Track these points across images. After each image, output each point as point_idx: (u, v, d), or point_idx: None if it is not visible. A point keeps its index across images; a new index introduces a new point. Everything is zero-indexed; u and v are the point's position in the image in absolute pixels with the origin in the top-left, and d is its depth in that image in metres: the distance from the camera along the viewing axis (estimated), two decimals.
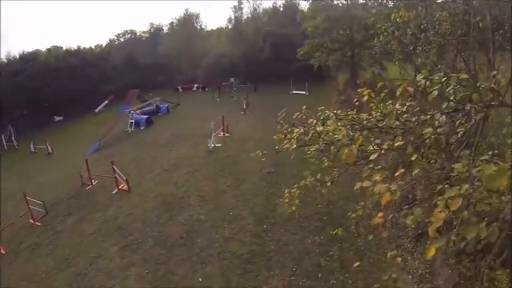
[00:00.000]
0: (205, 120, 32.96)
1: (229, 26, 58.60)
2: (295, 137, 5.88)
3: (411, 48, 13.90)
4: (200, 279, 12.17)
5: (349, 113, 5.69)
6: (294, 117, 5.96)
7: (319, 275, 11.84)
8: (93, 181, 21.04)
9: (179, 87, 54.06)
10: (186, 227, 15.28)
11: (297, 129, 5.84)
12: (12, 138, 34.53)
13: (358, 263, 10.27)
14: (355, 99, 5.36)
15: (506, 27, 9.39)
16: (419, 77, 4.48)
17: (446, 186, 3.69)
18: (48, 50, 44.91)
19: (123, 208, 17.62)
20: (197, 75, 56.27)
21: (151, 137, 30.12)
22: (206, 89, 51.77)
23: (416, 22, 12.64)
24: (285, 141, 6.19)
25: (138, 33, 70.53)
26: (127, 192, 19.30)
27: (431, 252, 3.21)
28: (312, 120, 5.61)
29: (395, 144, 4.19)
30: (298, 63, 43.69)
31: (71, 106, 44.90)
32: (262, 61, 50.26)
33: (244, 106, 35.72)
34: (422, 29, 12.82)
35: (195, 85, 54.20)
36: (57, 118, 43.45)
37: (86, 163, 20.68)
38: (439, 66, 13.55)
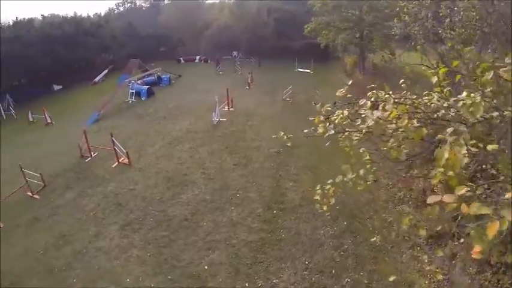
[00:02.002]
0: (208, 93, 31.99)
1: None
2: (335, 121, 4.69)
3: (433, 33, 12.90)
4: (206, 267, 11.51)
5: (408, 96, 4.66)
6: (337, 94, 4.86)
7: (333, 271, 11.17)
8: (92, 153, 20.22)
9: (181, 58, 52.88)
10: (190, 207, 14.57)
11: (339, 111, 4.70)
12: (11, 108, 33.41)
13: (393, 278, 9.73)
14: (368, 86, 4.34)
15: None
16: (508, 60, 3.48)
17: None
18: (44, 17, 43.10)
19: (123, 183, 16.86)
20: (199, 47, 54.90)
21: (152, 108, 29.11)
22: (208, 61, 50.51)
23: (446, 4, 11.51)
24: (320, 125, 5.02)
25: (138, 3, 68.50)
26: (127, 166, 18.52)
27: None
28: (363, 101, 4.51)
29: (490, 148, 3.20)
30: (302, 41, 42.50)
31: (69, 75, 43.72)
32: (265, 36, 48.93)
33: (249, 81, 34.58)
34: (447, 14, 11.76)
35: (197, 57, 53.04)
36: (56, 87, 42.09)
37: (84, 134, 19.74)
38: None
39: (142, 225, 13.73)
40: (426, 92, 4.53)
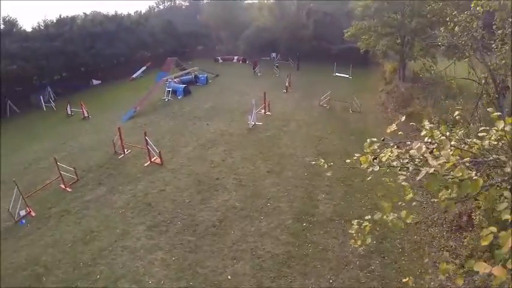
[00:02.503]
0: (245, 94, 31.85)
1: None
2: (382, 159, 4.14)
3: (482, 44, 11.98)
4: (229, 277, 11.09)
5: (459, 132, 4.07)
6: (388, 131, 4.32)
7: None
8: (125, 150, 20.29)
9: (219, 57, 53.06)
10: (219, 213, 14.19)
11: (389, 150, 4.17)
12: (51, 100, 34.42)
13: None
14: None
15: None
16: None
17: None
18: (86, 14, 44.29)
19: (154, 183, 16.73)
20: (237, 47, 54.94)
21: (188, 107, 29.09)
22: (247, 62, 50.29)
23: (500, 15, 10.60)
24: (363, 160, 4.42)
25: (177, 2, 69.54)
26: (159, 166, 18.43)
27: None
28: (416, 144, 3.89)
29: None
30: (341, 45, 41.56)
31: (108, 71, 44.88)
32: (304, 38, 48.39)
33: (287, 84, 34.06)
34: (501, 26, 10.83)
35: (235, 57, 53.01)
36: (94, 82, 43.16)
37: (118, 131, 19.81)
38: None
39: (170, 228, 13.49)
40: (482, 128, 3.97)
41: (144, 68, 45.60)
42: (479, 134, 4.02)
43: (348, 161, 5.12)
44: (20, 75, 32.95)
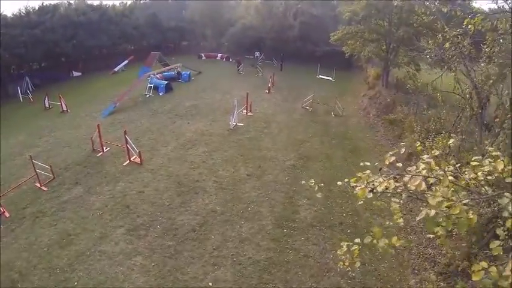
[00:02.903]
0: (227, 93, 31.72)
1: None
2: (377, 187, 4.18)
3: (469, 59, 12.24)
4: (211, 284, 11.02)
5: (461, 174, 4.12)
6: (386, 162, 4.36)
7: None
8: (104, 148, 19.87)
9: (202, 54, 52.56)
10: (199, 217, 14.05)
11: (382, 180, 4.20)
12: (28, 91, 33.46)
13: None
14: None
15: None
16: None
17: None
18: (69, 3, 43.16)
19: (133, 184, 16.43)
20: (222, 44, 54.63)
21: (169, 105, 28.67)
22: (230, 60, 50.02)
23: (491, 35, 10.81)
24: (357, 187, 4.48)
25: None
26: (138, 166, 18.12)
27: None
28: (417, 181, 3.90)
29: None
30: (326, 47, 41.75)
31: (89, 63, 44.03)
32: (290, 39, 48.44)
33: (270, 85, 34.01)
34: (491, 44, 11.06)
35: (219, 54, 52.68)
36: (75, 73, 42.29)
37: (98, 128, 19.40)
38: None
39: (149, 231, 13.28)
40: (475, 158, 4.04)
41: (126, 61, 44.79)
42: (472, 163, 4.09)
43: (339, 183, 5.17)
44: None
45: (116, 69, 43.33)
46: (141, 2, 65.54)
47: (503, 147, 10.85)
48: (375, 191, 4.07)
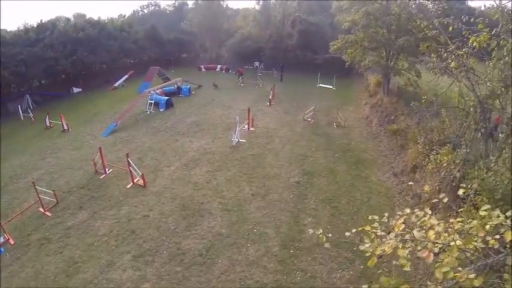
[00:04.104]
0: (228, 108, 31.76)
1: (257, 7, 56.69)
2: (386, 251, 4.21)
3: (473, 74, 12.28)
4: None
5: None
6: (392, 224, 4.38)
7: None
8: (107, 169, 19.85)
9: (202, 66, 52.60)
10: (206, 241, 13.98)
11: (391, 239, 4.22)
12: (29, 109, 33.44)
13: None
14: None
15: None
16: None
17: None
18: (68, 19, 43.37)
19: (137, 208, 16.38)
20: (221, 55, 54.77)
21: (170, 122, 28.68)
22: (230, 71, 50.08)
23: (498, 54, 10.79)
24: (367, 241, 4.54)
25: (162, 6, 68.71)
26: (142, 188, 18.07)
27: None
28: (423, 249, 3.91)
29: None
30: (325, 55, 41.77)
31: (89, 79, 44.12)
32: (289, 48, 48.56)
33: (270, 97, 34.03)
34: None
35: (219, 66, 52.71)
36: (75, 89, 42.32)
37: (100, 151, 19.39)
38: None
39: (156, 257, 13.22)
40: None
41: (126, 76, 44.80)
42: (481, 213, 4.07)
43: (347, 234, 5.15)
44: None
45: (116, 84, 43.38)
46: (140, 13, 66.14)
47: (508, 163, 10.82)
48: (383, 255, 4.08)
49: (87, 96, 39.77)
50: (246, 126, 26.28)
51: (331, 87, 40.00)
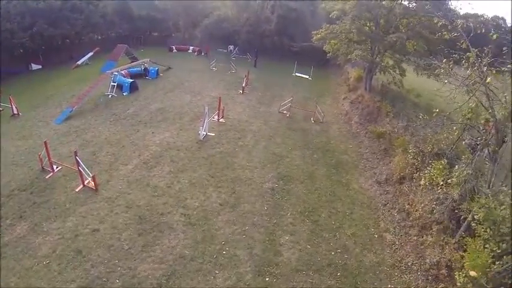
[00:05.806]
0: (197, 94, 29.51)
1: None
2: None
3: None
4: None
5: None
6: None
7: None
8: (54, 167, 17.16)
9: (173, 47, 49.59)
10: (166, 266, 11.76)
11: None
12: None
13: None
14: None
15: None
16: None
17: None
18: None
19: (86, 219, 13.79)
20: (195, 36, 51.80)
21: (132, 108, 25.93)
22: (202, 54, 47.35)
23: None
24: None
25: None
26: (93, 192, 15.48)
27: None
28: None
29: None
30: (304, 43, 39.92)
31: (51, 55, 40.17)
32: (266, 33, 46.57)
33: (244, 84, 31.74)
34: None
35: (191, 47, 49.87)
36: (34, 66, 38.52)
37: (45, 145, 16.69)
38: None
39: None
40: None
41: (91, 53, 41.15)
42: None
43: None
44: None
45: (79, 62, 39.75)
46: None
47: None
48: None
49: (47, 74, 36.03)
50: (216, 116, 23.99)
51: (307, 77, 38.28)
